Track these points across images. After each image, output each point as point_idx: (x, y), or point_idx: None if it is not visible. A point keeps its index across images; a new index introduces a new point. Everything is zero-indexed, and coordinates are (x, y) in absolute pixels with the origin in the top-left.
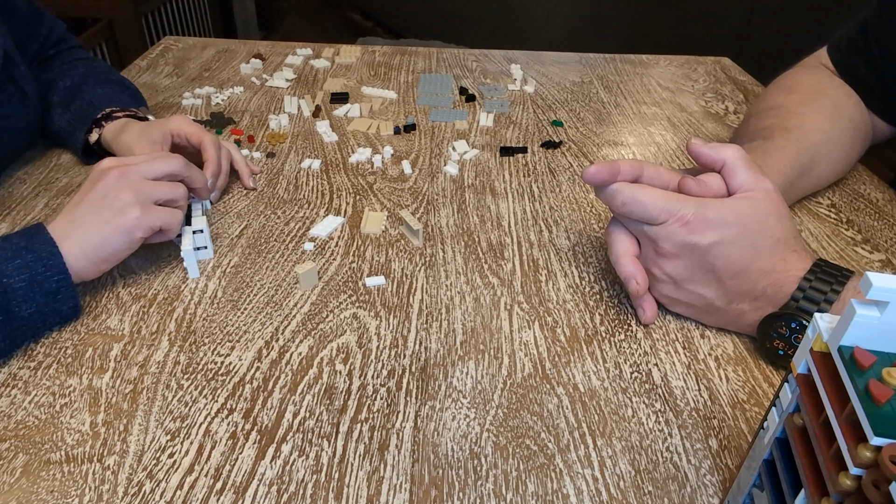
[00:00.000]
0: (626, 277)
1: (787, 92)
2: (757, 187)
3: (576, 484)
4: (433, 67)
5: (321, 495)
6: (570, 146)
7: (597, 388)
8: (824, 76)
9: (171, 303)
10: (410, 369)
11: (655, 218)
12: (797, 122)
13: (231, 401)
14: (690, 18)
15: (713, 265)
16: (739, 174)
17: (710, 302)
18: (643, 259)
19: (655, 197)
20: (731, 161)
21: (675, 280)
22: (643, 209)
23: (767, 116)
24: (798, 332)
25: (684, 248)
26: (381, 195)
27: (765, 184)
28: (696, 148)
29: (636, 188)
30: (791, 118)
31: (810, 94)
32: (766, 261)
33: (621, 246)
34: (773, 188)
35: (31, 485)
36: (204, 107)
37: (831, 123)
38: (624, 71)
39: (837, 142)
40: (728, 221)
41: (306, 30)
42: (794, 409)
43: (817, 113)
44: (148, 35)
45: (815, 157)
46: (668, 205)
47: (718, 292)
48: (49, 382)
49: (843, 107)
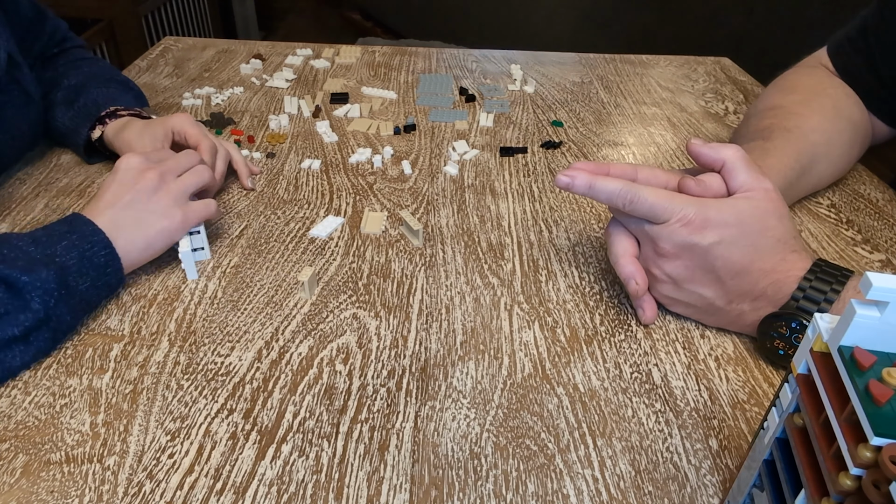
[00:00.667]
0: (626, 278)
1: (787, 92)
2: (757, 187)
3: (576, 484)
4: (433, 68)
5: (321, 495)
6: (570, 146)
7: (597, 388)
8: (824, 76)
9: (171, 303)
10: (410, 369)
11: (659, 216)
12: (797, 123)
13: (231, 401)
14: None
15: (713, 265)
16: (739, 174)
17: (710, 302)
18: (643, 259)
19: (659, 196)
20: (731, 161)
21: (676, 280)
22: (648, 207)
23: (767, 116)
24: (798, 332)
25: (685, 249)
26: (381, 195)
27: (765, 184)
28: (696, 148)
29: (640, 187)
30: (791, 118)
31: (810, 95)
32: (766, 261)
33: (621, 246)
34: (772, 188)
35: (31, 485)
36: (204, 107)
37: (831, 124)
38: (624, 71)
39: (837, 142)
40: (729, 222)
41: (306, 30)
42: (794, 410)
43: (817, 113)
44: (148, 35)
45: (815, 157)
46: (671, 204)
47: (719, 292)
48: (49, 383)
49: (842, 107)
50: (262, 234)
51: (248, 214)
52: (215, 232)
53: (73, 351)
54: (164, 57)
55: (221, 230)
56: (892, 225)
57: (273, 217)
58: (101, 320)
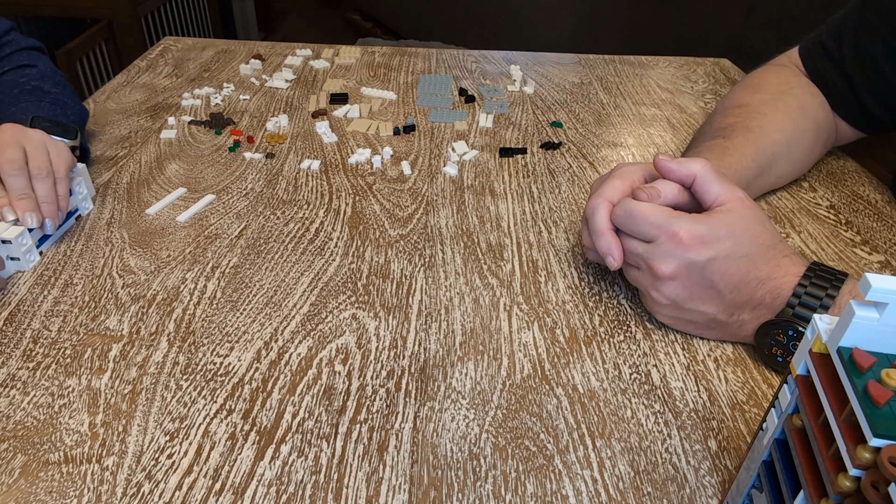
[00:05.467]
0: (605, 253)
1: (753, 90)
2: (732, 197)
3: (575, 485)
4: (433, 68)
5: (320, 496)
6: (569, 147)
7: (596, 389)
8: (791, 75)
9: (170, 303)
10: (409, 370)
11: (646, 233)
12: (759, 122)
13: (230, 401)
14: (690, 20)
15: (712, 280)
16: (712, 187)
17: (712, 317)
18: (643, 286)
19: (648, 212)
20: (702, 175)
21: (676, 302)
22: (635, 224)
23: (731, 115)
24: (795, 340)
25: (682, 268)
26: (381, 196)
27: (737, 193)
28: (665, 164)
29: (634, 204)
30: (754, 118)
31: (776, 94)
32: (761, 268)
33: (602, 222)
34: (744, 196)
35: (29, 485)
36: (203, 107)
37: (794, 124)
38: (623, 72)
39: (799, 142)
40: (721, 236)
41: (306, 30)
42: (793, 411)
43: (781, 113)
44: (147, 35)
45: (774, 157)
46: (658, 219)
47: (720, 307)
48: (48, 383)
49: (807, 107)
50: (262, 234)
51: (248, 215)
52: (215, 232)
53: (71, 351)
54: (163, 57)
55: (220, 230)
56: (891, 226)
57: (272, 217)
58: (101, 320)
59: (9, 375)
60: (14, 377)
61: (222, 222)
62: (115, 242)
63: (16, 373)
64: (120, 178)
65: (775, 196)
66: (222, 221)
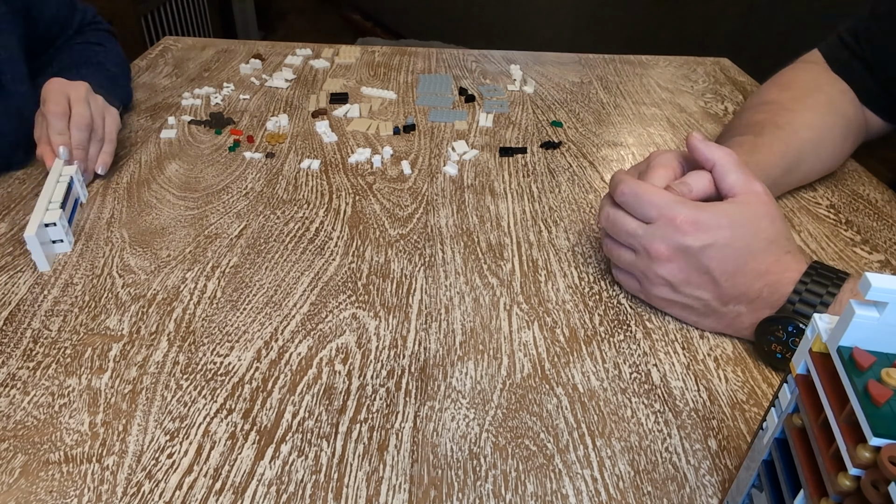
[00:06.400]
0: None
1: (783, 88)
2: (748, 190)
3: (575, 484)
4: (433, 68)
5: (320, 495)
6: (569, 147)
7: (596, 388)
8: (821, 72)
9: (171, 303)
10: (410, 370)
11: (646, 214)
12: (788, 119)
13: (230, 401)
14: (690, 20)
15: (707, 266)
16: (729, 176)
17: (706, 303)
18: (639, 270)
19: (652, 193)
20: (722, 163)
21: (671, 283)
22: (639, 204)
23: (761, 111)
24: (795, 336)
25: (677, 251)
26: (381, 195)
27: (755, 187)
28: (694, 142)
29: (638, 184)
30: (783, 115)
31: (805, 91)
32: (760, 262)
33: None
34: (763, 191)
35: (29, 485)
36: (203, 107)
37: (823, 120)
38: (623, 71)
39: (828, 139)
40: (721, 225)
41: (306, 30)
42: (793, 410)
43: (810, 110)
44: (147, 35)
45: (803, 154)
46: (660, 202)
47: (714, 293)
48: (48, 383)
49: (836, 103)
50: (262, 234)
51: (248, 214)
52: (215, 232)
53: (72, 351)
54: (163, 57)
55: (220, 230)
56: (891, 225)
57: (272, 217)
58: (101, 320)
59: (9, 375)
60: (14, 377)
61: (222, 222)
62: (115, 242)
63: (16, 372)
64: (120, 177)
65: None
66: (222, 221)
